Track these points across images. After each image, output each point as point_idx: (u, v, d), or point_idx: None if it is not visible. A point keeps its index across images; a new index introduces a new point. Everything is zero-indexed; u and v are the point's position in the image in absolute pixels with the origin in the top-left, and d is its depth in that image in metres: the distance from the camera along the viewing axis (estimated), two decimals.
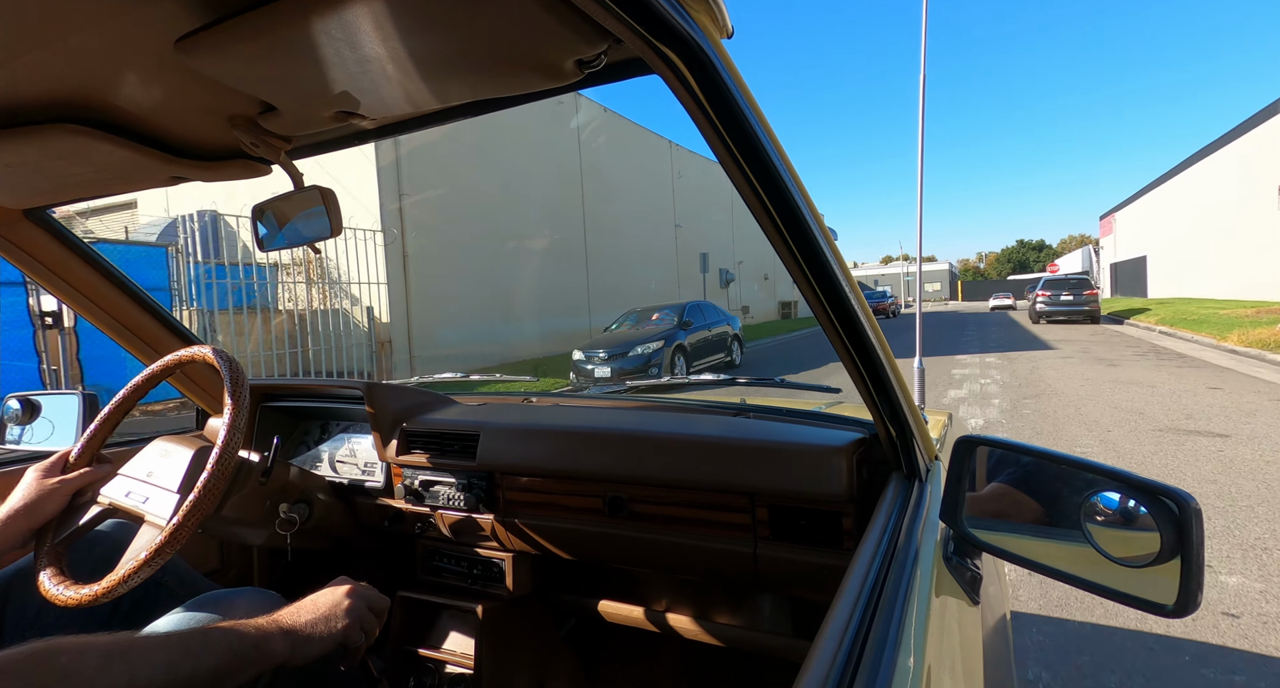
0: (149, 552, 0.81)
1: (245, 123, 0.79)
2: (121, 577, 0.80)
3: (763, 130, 0.61)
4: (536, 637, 1.43)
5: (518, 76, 0.65)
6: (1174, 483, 0.77)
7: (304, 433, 1.60)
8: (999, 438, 0.78)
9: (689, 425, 1.20)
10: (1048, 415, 6.20)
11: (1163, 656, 2.19)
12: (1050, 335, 15.64)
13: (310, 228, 0.90)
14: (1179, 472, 4.16)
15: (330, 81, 0.66)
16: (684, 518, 1.12)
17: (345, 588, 0.85)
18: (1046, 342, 14.06)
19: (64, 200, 1.08)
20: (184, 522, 0.83)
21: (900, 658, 0.55)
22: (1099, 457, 4.55)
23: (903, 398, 0.87)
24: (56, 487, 0.96)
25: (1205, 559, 0.56)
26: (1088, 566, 0.65)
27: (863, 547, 0.74)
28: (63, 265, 1.22)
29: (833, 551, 1.01)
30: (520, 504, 1.27)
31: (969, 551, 0.82)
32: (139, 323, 1.36)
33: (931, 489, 0.94)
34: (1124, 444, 4.94)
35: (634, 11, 0.49)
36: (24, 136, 0.77)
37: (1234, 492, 3.74)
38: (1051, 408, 6.56)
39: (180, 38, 0.58)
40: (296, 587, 1.23)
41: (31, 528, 0.93)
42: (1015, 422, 5.99)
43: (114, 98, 0.72)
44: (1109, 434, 5.29)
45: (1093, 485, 0.66)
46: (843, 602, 0.62)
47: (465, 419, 1.35)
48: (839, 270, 0.73)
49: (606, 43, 0.58)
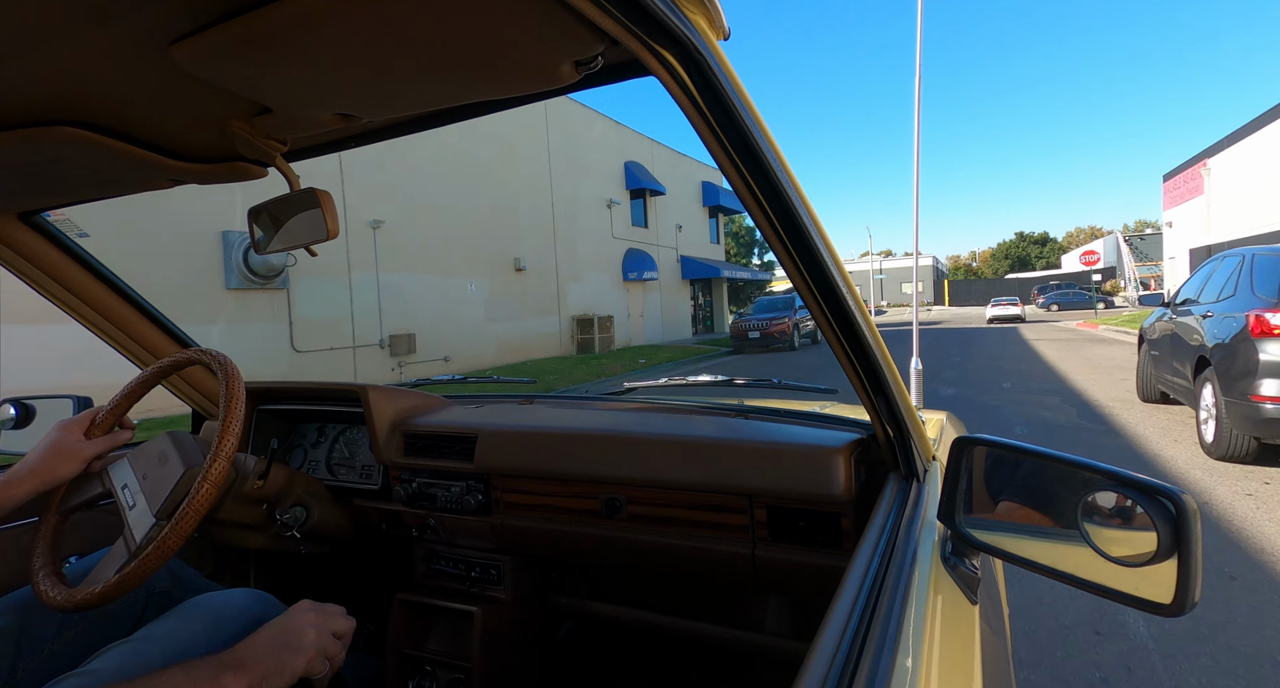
0: (119, 576, 0.82)
1: (241, 125, 0.79)
2: (99, 593, 0.81)
3: (759, 131, 0.61)
4: (534, 639, 1.43)
5: (514, 78, 0.65)
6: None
7: (301, 435, 1.59)
8: (996, 438, 0.78)
9: (687, 427, 1.20)
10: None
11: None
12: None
13: (306, 230, 0.90)
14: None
15: (326, 84, 0.66)
16: (682, 520, 1.12)
17: (305, 617, 0.82)
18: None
19: (59, 203, 1.07)
20: (152, 555, 0.83)
21: (899, 658, 0.55)
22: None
23: (900, 398, 0.87)
24: (77, 449, 0.95)
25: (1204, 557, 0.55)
26: (1085, 565, 0.65)
27: (861, 547, 0.74)
28: (57, 269, 1.22)
29: (831, 551, 1.01)
30: (518, 506, 1.26)
31: (967, 551, 0.82)
32: (134, 327, 1.35)
33: (929, 489, 0.95)
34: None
35: (631, 13, 0.49)
36: (18, 139, 0.77)
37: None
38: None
39: (176, 40, 0.58)
40: (293, 590, 1.23)
41: (40, 489, 0.92)
42: None
43: (109, 100, 0.72)
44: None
45: (1090, 485, 0.66)
46: (841, 602, 0.62)
47: (463, 421, 1.35)
48: (836, 271, 0.73)
49: (603, 44, 0.58)
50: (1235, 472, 4.06)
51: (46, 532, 0.93)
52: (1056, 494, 0.71)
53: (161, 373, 1.05)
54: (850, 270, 7.45)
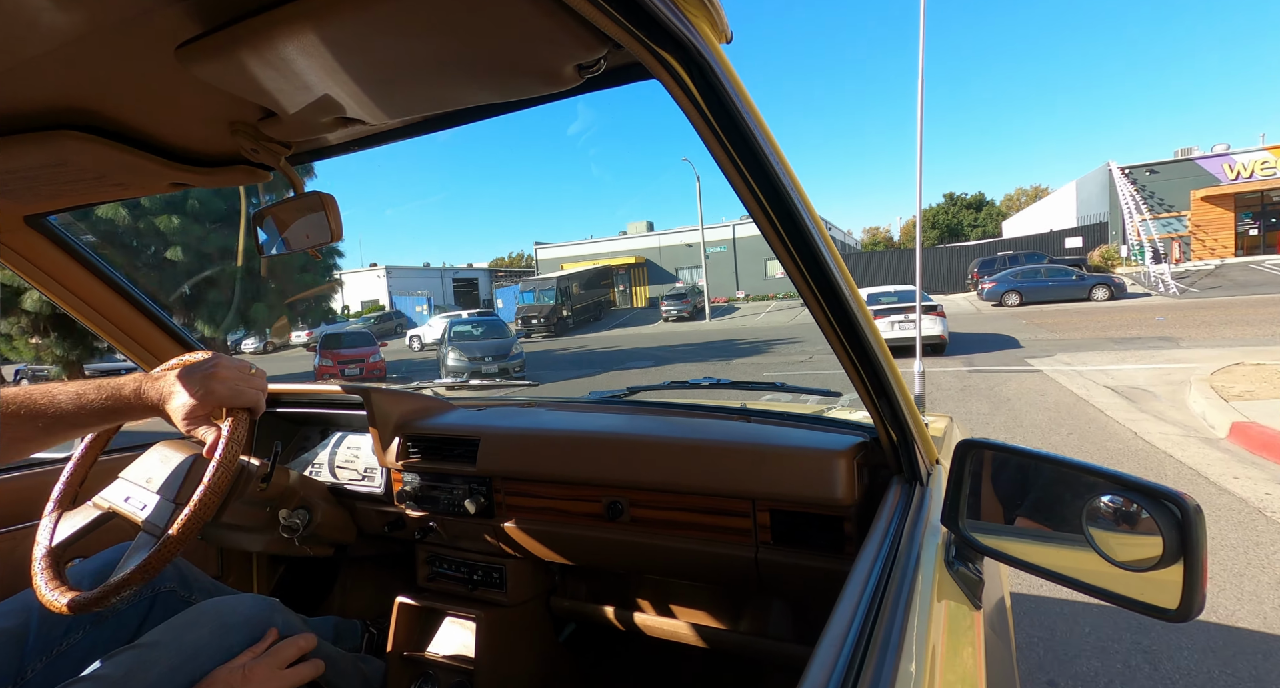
0: (141, 562, 0.81)
1: (246, 129, 0.79)
2: (115, 585, 0.80)
3: (762, 134, 0.61)
4: (536, 643, 1.42)
5: (518, 82, 0.65)
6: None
7: (304, 438, 1.59)
8: (1000, 442, 0.78)
9: (689, 429, 1.19)
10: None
11: None
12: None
13: (311, 233, 0.90)
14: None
15: (330, 87, 0.67)
16: (685, 523, 1.12)
17: (260, 664, 0.83)
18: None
19: (65, 206, 1.08)
20: (179, 534, 0.82)
21: (902, 663, 0.55)
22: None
23: (903, 401, 0.87)
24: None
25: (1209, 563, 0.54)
26: (1090, 570, 0.64)
27: (864, 551, 0.74)
28: (63, 271, 1.22)
29: (834, 555, 1.01)
30: (520, 509, 1.26)
31: (970, 555, 0.82)
32: (140, 329, 1.36)
33: (933, 493, 0.94)
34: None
35: (633, 17, 0.49)
36: (25, 143, 0.77)
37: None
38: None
39: (181, 44, 0.59)
40: (297, 592, 1.24)
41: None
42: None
43: (115, 104, 0.73)
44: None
45: (1094, 489, 0.65)
46: (844, 606, 0.62)
47: (465, 424, 1.35)
48: (839, 274, 0.73)
49: (606, 48, 0.58)
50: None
51: (48, 564, 0.92)
52: (1061, 498, 0.71)
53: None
54: (676, 243, 8.91)
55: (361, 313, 35.37)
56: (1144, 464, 4.16)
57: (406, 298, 37.12)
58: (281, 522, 1.22)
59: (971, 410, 6.12)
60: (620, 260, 35.73)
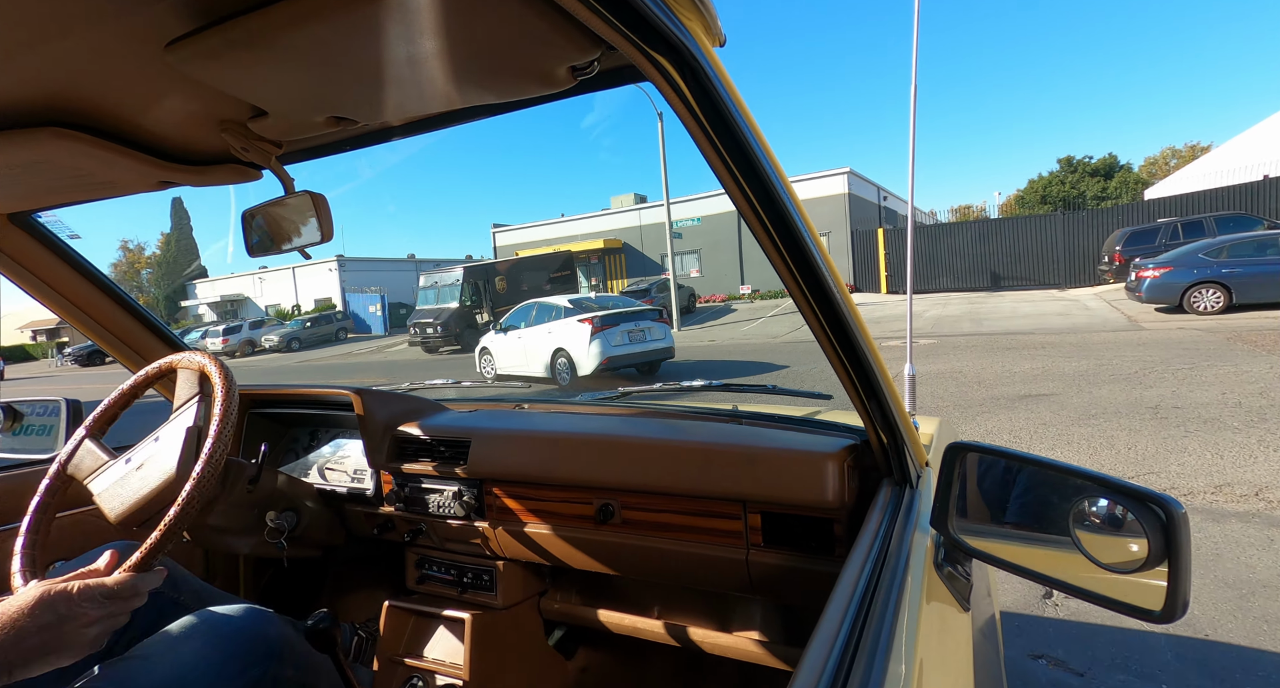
0: (177, 506, 0.82)
1: (235, 127, 0.79)
2: (161, 531, 0.82)
3: (754, 136, 0.61)
4: (527, 645, 1.42)
5: (511, 83, 0.65)
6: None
7: (292, 440, 1.58)
8: (989, 444, 0.78)
9: (680, 432, 1.19)
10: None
11: None
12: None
13: (301, 233, 0.89)
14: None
15: (322, 86, 0.66)
16: (676, 525, 1.12)
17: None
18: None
19: (50, 205, 1.07)
20: (204, 469, 0.84)
21: (891, 664, 0.55)
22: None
23: (894, 404, 0.87)
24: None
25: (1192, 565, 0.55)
26: (1077, 571, 0.65)
27: (854, 553, 0.74)
28: (49, 271, 1.21)
29: (824, 557, 1.01)
30: (511, 511, 1.26)
31: (959, 557, 0.83)
32: (126, 329, 1.35)
33: (923, 495, 0.95)
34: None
35: (627, 19, 0.49)
36: (10, 140, 0.76)
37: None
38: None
39: (170, 42, 0.58)
40: (285, 596, 1.23)
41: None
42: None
43: (103, 101, 0.72)
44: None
45: (1081, 492, 0.66)
46: (833, 608, 0.62)
47: (456, 425, 1.35)
48: (830, 277, 0.73)
49: (599, 50, 0.59)
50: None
51: (28, 536, 0.91)
52: (1048, 501, 0.72)
53: (146, 382, 1.03)
54: (650, 221, 8.90)
55: (311, 313, 28.98)
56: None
57: (360, 296, 30.21)
58: (269, 524, 1.21)
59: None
60: (588, 244, 24.87)
